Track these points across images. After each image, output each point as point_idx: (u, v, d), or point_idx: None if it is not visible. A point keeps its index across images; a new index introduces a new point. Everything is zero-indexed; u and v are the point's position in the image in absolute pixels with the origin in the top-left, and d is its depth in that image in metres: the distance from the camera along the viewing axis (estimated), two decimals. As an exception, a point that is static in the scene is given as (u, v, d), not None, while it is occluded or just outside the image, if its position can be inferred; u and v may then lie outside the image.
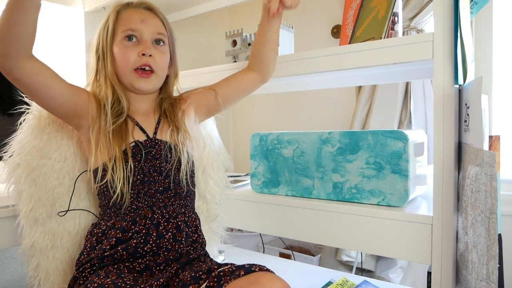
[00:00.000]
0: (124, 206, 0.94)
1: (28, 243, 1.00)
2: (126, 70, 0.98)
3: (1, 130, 1.11)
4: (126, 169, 0.93)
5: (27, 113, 1.05)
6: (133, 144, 0.97)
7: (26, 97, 1.06)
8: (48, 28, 1.68)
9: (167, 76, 1.09)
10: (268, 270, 0.84)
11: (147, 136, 1.00)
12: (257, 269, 0.83)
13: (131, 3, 1.03)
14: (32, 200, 1.01)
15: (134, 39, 0.99)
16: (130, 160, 0.94)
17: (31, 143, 1.02)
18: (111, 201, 0.94)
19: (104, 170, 0.93)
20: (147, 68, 0.98)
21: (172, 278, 0.91)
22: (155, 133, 1.01)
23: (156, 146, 0.99)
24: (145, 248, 0.92)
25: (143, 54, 0.97)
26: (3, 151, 1.04)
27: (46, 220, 1.02)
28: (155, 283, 0.87)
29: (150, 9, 1.03)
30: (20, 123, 1.05)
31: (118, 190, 0.92)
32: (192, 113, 1.11)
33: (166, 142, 1.00)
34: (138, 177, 0.95)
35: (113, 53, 0.99)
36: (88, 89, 1.03)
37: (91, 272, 0.90)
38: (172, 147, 1.00)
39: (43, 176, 1.02)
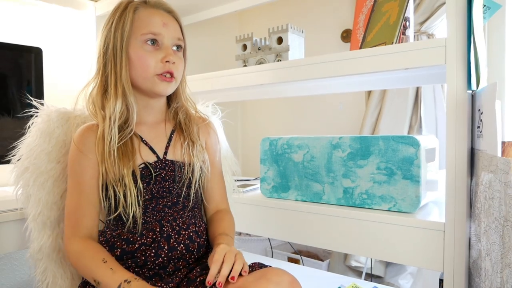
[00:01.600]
0: (134, 224, 0.91)
1: (36, 246, 1.00)
2: (147, 75, 0.92)
3: (10, 133, 1.11)
4: (136, 192, 0.90)
5: (36, 116, 1.04)
6: (142, 166, 0.93)
7: (35, 100, 1.05)
8: (59, 32, 1.70)
9: None
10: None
11: (157, 157, 0.96)
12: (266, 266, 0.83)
13: (149, 2, 0.96)
14: (41, 204, 1.00)
15: (155, 43, 0.93)
16: (139, 183, 0.91)
17: (40, 146, 1.01)
18: (118, 216, 0.92)
19: (113, 189, 0.90)
20: (168, 75, 0.94)
21: (182, 281, 0.90)
22: (165, 153, 0.98)
23: (167, 168, 0.95)
24: (156, 262, 0.90)
25: (167, 61, 0.93)
26: (12, 154, 1.03)
27: (55, 224, 1.02)
28: (165, 286, 0.87)
29: (170, 11, 0.97)
30: (29, 127, 1.04)
31: (130, 217, 0.90)
32: (203, 141, 1.06)
33: (177, 162, 0.97)
34: (147, 197, 0.93)
35: (129, 57, 0.92)
36: (87, 92, 0.97)
37: None
38: (185, 165, 0.97)
39: (52, 180, 1.01)
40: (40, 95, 1.40)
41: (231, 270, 0.80)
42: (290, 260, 2.28)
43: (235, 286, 0.80)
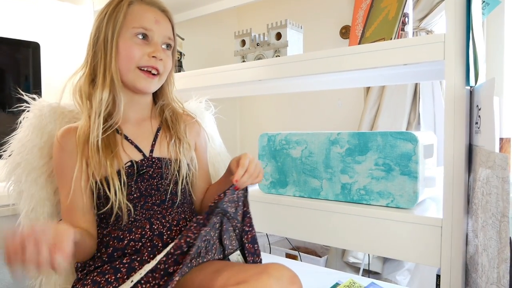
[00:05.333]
0: (122, 221, 0.92)
1: (29, 243, 0.99)
2: (130, 66, 0.92)
3: (3, 128, 1.09)
4: (124, 190, 0.90)
5: (28, 111, 1.03)
6: (128, 164, 0.93)
7: (26, 95, 1.04)
8: (57, 26, 1.69)
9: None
10: None
11: (143, 154, 0.96)
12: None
13: None
14: (33, 200, 0.99)
15: (145, 38, 0.94)
16: (124, 179, 0.91)
17: (32, 142, 1.00)
18: (107, 214, 0.92)
19: (99, 189, 0.90)
20: (153, 71, 0.94)
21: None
22: (151, 150, 0.98)
23: (154, 165, 0.95)
24: (153, 249, 0.91)
25: (154, 57, 0.93)
26: (3, 150, 1.02)
27: (48, 220, 1.01)
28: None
29: (164, 10, 0.98)
30: (20, 122, 1.03)
31: (114, 212, 0.89)
32: (192, 140, 1.07)
33: (164, 159, 0.97)
34: (135, 195, 0.93)
35: (118, 48, 0.92)
36: (74, 82, 0.97)
37: (95, 274, 0.89)
38: (172, 162, 0.97)
39: (45, 176, 1.01)
40: (37, 90, 1.40)
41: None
42: (288, 256, 2.28)
43: (236, 280, 0.81)
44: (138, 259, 0.89)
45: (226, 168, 1.31)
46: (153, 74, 0.95)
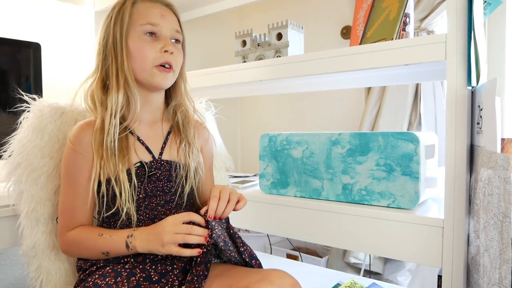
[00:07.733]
0: (128, 221, 0.92)
1: (30, 243, 0.99)
2: (146, 66, 0.92)
3: (3, 129, 1.09)
4: (130, 189, 0.90)
5: (28, 111, 1.03)
6: (138, 164, 0.93)
7: (26, 95, 1.04)
8: (58, 27, 1.69)
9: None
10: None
11: (153, 156, 0.96)
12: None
13: None
14: (34, 200, 0.99)
15: (154, 35, 0.93)
16: (134, 180, 0.91)
17: (32, 142, 1.00)
18: (112, 213, 0.92)
19: (107, 186, 0.90)
20: (166, 65, 0.94)
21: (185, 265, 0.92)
22: (161, 153, 0.98)
23: (162, 168, 0.96)
24: (155, 259, 0.91)
25: (165, 51, 0.93)
26: (3, 150, 1.02)
27: (48, 221, 1.01)
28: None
29: (167, 4, 0.98)
30: (20, 122, 1.03)
31: (124, 212, 0.89)
32: (199, 145, 1.07)
33: (173, 162, 0.97)
34: (140, 195, 0.93)
35: (128, 48, 0.92)
36: (85, 87, 0.97)
37: (96, 276, 0.89)
38: (181, 166, 0.98)
39: (45, 176, 1.00)
40: (38, 90, 1.40)
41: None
42: (289, 256, 2.28)
43: (238, 286, 0.81)
44: (140, 267, 0.89)
45: (226, 169, 1.31)
46: (167, 68, 0.94)
